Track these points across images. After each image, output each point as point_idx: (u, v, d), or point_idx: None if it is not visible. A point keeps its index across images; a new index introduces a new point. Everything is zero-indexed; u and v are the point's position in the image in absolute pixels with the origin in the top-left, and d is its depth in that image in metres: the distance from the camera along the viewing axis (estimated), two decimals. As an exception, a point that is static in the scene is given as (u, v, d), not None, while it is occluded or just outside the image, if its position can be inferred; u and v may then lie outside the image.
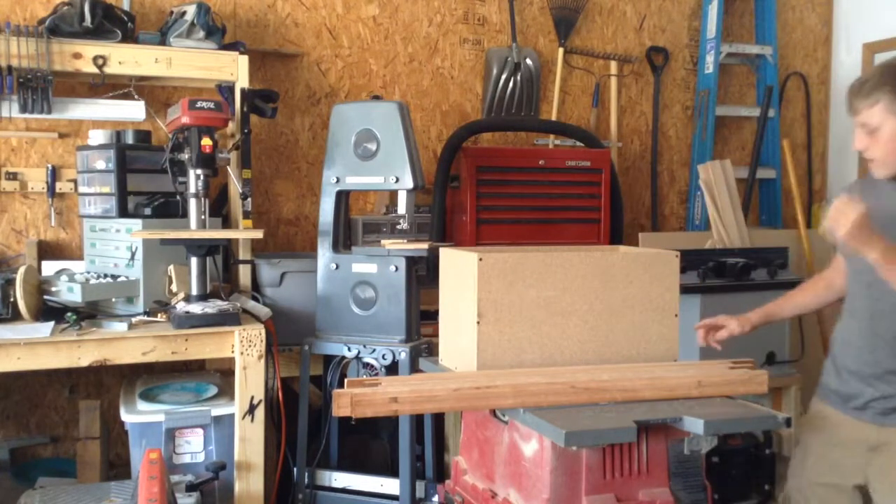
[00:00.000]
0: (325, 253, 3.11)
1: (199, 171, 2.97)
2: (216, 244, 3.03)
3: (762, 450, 3.49)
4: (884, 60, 2.37)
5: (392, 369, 2.98)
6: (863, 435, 2.35)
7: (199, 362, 3.48)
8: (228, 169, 3.22)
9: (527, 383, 1.98)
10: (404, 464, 2.96)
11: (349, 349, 3.03)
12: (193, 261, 2.98)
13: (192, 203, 3.01)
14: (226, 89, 3.39)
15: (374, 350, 3.00)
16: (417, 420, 3.03)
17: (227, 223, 3.49)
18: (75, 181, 3.36)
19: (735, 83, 4.74)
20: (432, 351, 3.00)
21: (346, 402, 1.88)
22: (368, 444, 3.40)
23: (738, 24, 4.70)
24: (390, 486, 3.03)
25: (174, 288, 3.06)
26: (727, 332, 2.55)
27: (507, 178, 3.78)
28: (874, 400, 2.33)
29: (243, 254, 3.38)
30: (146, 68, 3.26)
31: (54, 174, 3.43)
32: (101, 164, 3.19)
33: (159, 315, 2.99)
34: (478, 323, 2.11)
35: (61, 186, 3.45)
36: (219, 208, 3.52)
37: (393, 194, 3.33)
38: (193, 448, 2.93)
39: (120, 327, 2.83)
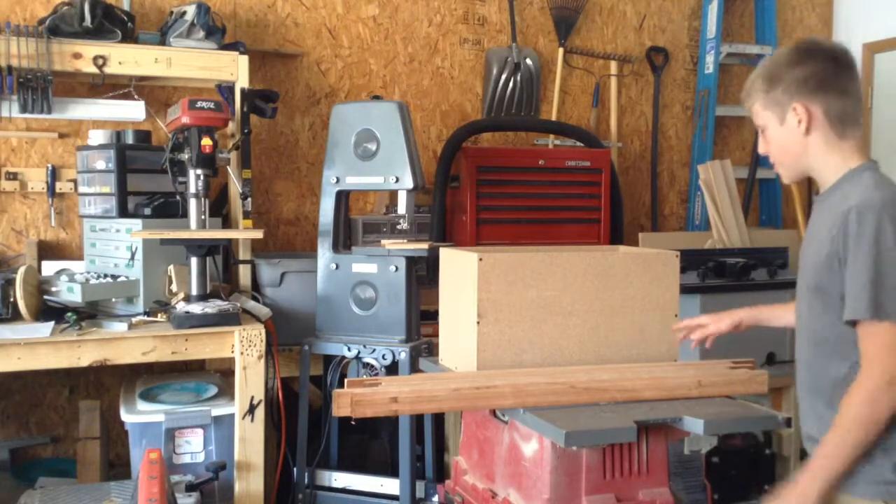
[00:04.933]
0: (325, 253, 3.10)
1: (199, 171, 2.97)
2: (216, 244, 3.03)
3: (762, 450, 3.49)
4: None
5: (392, 369, 2.98)
6: None
7: (199, 362, 3.48)
8: (228, 169, 3.22)
9: (527, 383, 1.98)
10: (404, 464, 2.96)
11: (349, 349, 3.03)
12: (193, 261, 2.98)
13: (192, 203, 3.01)
14: (226, 89, 3.39)
15: (374, 350, 3.00)
16: (417, 420, 3.03)
17: (227, 223, 3.49)
18: (75, 181, 3.37)
19: (735, 83, 4.73)
20: (432, 351, 3.00)
21: (346, 402, 1.88)
22: (368, 444, 3.40)
23: (738, 24, 4.70)
24: (390, 486, 3.03)
25: (174, 288, 3.06)
26: (701, 332, 2.25)
27: (507, 178, 3.78)
28: None
29: (243, 254, 3.38)
30: (146, 68, 3.26)
31: (54, 174, 3.43)
32: (101, 164, 3.19)
33: (159, 315, 2.99)
34: (478, 323, 2.11)
35: (61, 186, 3.45)
36: (219, 208, 3.52)
37: (393, 194, 3.33)
38: (193, 448, 2.93)
39: (120, 327, 2.83)
